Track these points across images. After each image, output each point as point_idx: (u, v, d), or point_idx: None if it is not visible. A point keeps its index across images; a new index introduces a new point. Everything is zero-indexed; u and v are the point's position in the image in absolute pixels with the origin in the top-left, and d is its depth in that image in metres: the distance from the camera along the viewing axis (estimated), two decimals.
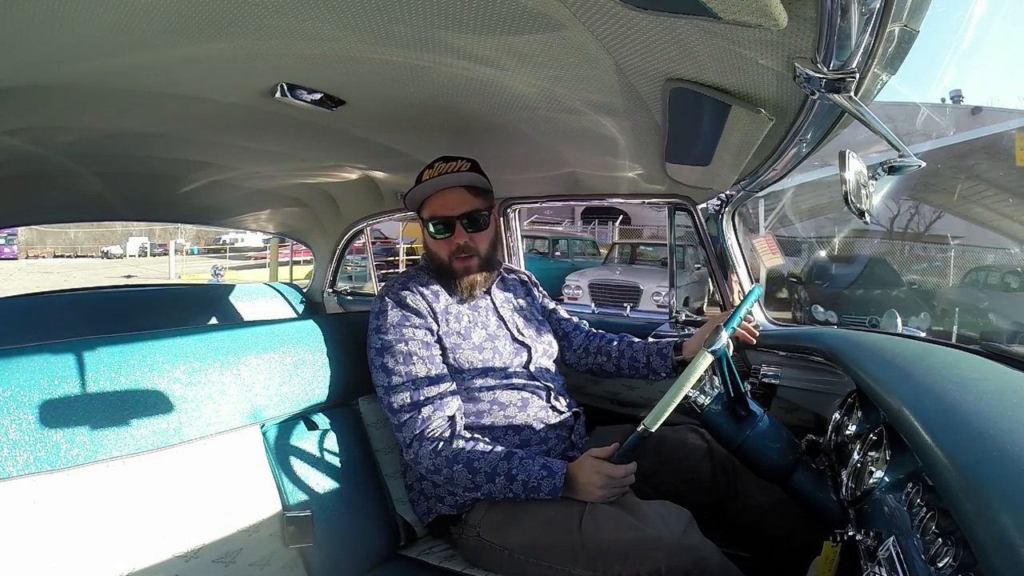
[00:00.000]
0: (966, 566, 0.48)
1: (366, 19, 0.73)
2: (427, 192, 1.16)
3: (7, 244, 19.57)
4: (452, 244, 1.16)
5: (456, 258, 1.16)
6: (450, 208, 1.15)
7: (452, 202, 1.16)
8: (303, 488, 1.04)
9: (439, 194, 1.16)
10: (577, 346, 1.37)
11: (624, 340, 1.35)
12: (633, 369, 1.31)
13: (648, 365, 1.28)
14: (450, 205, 1.15)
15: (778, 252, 1.95)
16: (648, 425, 0.90)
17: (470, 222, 1.16)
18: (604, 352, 1.34)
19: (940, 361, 0.85)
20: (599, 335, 1.38)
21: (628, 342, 1.34)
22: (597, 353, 1.35)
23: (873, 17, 0.51)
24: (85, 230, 22.99)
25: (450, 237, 1.16)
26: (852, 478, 0.82)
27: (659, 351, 1.28)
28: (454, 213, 1.15)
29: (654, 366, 1.28)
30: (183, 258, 18.55)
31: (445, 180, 1.15)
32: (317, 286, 2.55)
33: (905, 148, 0.72)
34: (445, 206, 1.16)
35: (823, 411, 1.24)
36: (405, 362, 1.08)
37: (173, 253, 16.22)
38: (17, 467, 0.76)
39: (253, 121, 1.18)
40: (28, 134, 1.22)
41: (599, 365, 1.34)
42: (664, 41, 0.67)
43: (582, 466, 0.99)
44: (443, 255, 1.17)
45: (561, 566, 0.94)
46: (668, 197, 1.51)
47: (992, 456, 0.49)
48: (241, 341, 1.06)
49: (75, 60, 0.87)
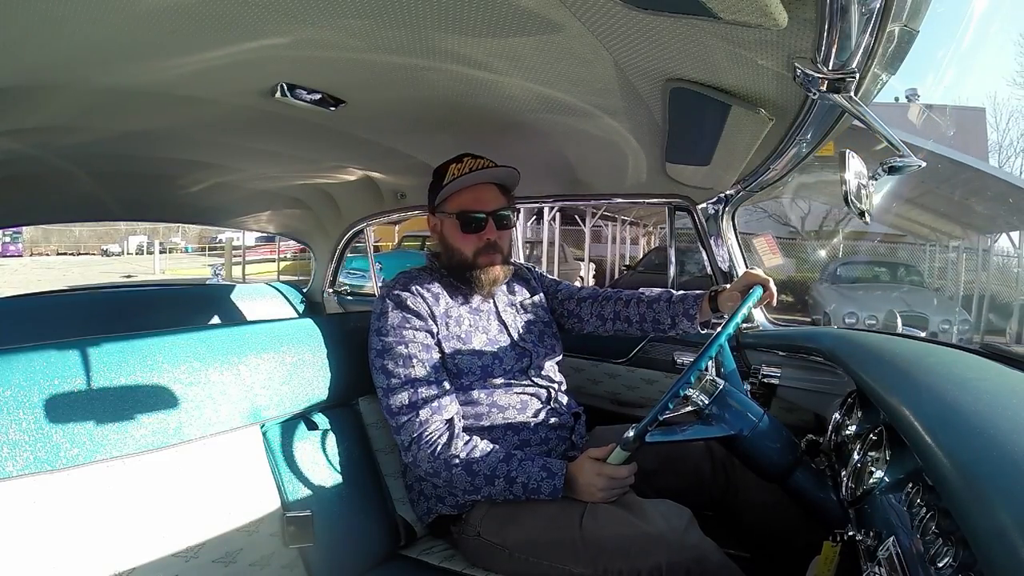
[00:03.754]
0: (966, 566, 0.48)
1: (366, 22, 0.73)
2: (464, 184, 1.14)
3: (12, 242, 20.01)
4: (482, 240, 1.15)
5: (483, 254, 1.16)
6: (484, 203, 1.15)
7: (486, 197, 1.16)
8: (303, 488, 1.04)
9: (472, 189, 1.15)
10: (593, 315, 1.31)
11: (644, 300, 1.26)
12: (659, 331, 1.25)
13: (674, 326, 1.22)
14: (484, 200, 1.15)
15: (778, 252, 1.95)
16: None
17: (499, 220, 1.16)
18: (623, 318, 1.27)
19: (940, 361, 0.85)
20: (612, 298, 1.31)
21: (647, 302, 1.25)
22: (615, 319, 1.28)
23: (873, 17, 0.51)
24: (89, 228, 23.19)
25: (481, 233, 1.15)
26: (852, 478, 0.82)
27: (686, 312, 1.20)
28: (488, 208, 1.15)
29: (681, 327, 1.21)
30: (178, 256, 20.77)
31: (484, 175, 1.14)
32: (317, 286, 2.55)
33: (905, 148, 0.72)
34: (479, 200, 1.15)
35: (823, 411, 1.24)
36: (405, 365, 1.08)
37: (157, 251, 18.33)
38: (17, 467, 0.76)
39: (254, 121, 1.18)
40: (29, 135, 1.23)
41: (622, 331, 1.29)
42: (664, 41, 0.67)
43: (582, 467, 0.99)
44: (468, 251, 1.16)
45: (562, 564, 0.94)
46: (668, 197, 1.51)
47: (992, 455, 0.49)
48: (241, 341, 1.06)
49: (77, 62, 0.87)
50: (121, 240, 23.70)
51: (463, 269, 1.17)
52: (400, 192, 1.90)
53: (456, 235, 1.17)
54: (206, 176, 1.73)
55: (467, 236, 1.15)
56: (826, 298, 7.33)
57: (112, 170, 1.59)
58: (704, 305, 1.19)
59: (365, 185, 1.89)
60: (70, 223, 18.98)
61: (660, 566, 0.86)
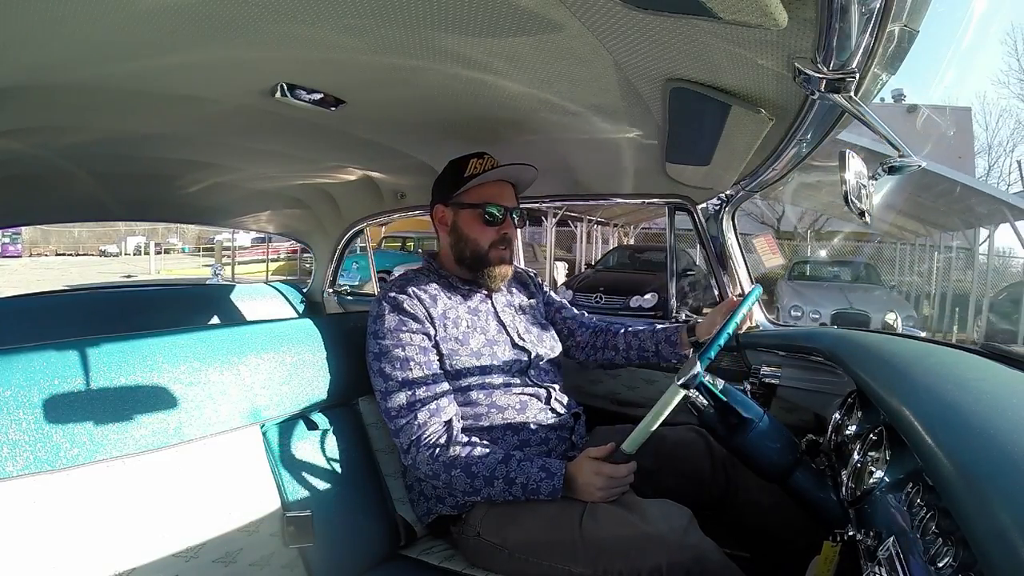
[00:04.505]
0: (966, 566, 0.48)
1: (366, 21, 0.73)
2: (491, 178, 1.18)
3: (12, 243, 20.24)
4: (500, 233, 1.19)
5: (496, 248, 1.19)
6: (505, 199, 1.20)
7: (507, 194, 1.21)
8: (303, 488, 1.04)
9: (497, 184, 1.20)
10: (585, 343, 1.38)
11: (630, 331, 1.35)
12: (643, 359, 1.32)
13: (657, 353, 1.30)
14: (505, 196, 1.20)
15: (778, 252, 1.95)
16: (627, 449, 0.93)
17: (515, 218, 1.21)
18: (611, 347, 1.35)
19: (940, 361, 0.85)
20: (604, 329, 1.39)
21: (634, 332, 1.34)
22: (604, 348, 1.36)
23: (873, 17, 0.51)
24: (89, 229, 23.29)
25: (501, 227, 1.19)
26: (852, 478, 0.82)
27: (667, 338, 1.29)
28: (510, 204, 1.20)
29: (664, 354, 1.29)
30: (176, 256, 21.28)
31: (512, 171, 1.19)
32: (317, 286, 2.55)
33: (905, 148, 0.72)
34: (501, 196, 1.19)
35: (823, 411, 1.24)
36: (402, 367, 1.08)
37: (153, 252, 18.89)
38: (17, 467, 0.76)
39: (254, 121, 1.18)
40: (29, 135, 1.22)
41: (609, 360, 1.36)
42: (664, 41, 0.67)
43: (580, 466, 0.99)
44: (485, 243, 1.19)
45: (562, 565, 0.94)
46: (668, 197, 1.51)
47: (992, 455, 0.49)
48: (241, 341, 1.06)
49: (76, 62, 0.87)
50: (119, 241, 23.86)
51: (475, 261, 1.19)
52: (400, 192, 1.90)
53: (475, 226, 1.19)
54: (206, 176, 1.73)
55: (486, 228, 1.18)
56: (783, 294, 7.82)
57: (112, 170, 1.59)
58: (683, 334, 1.27)
59: (365, 185, 1.89)
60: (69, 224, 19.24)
61: (660, 566, 0.86)
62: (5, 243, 19.88)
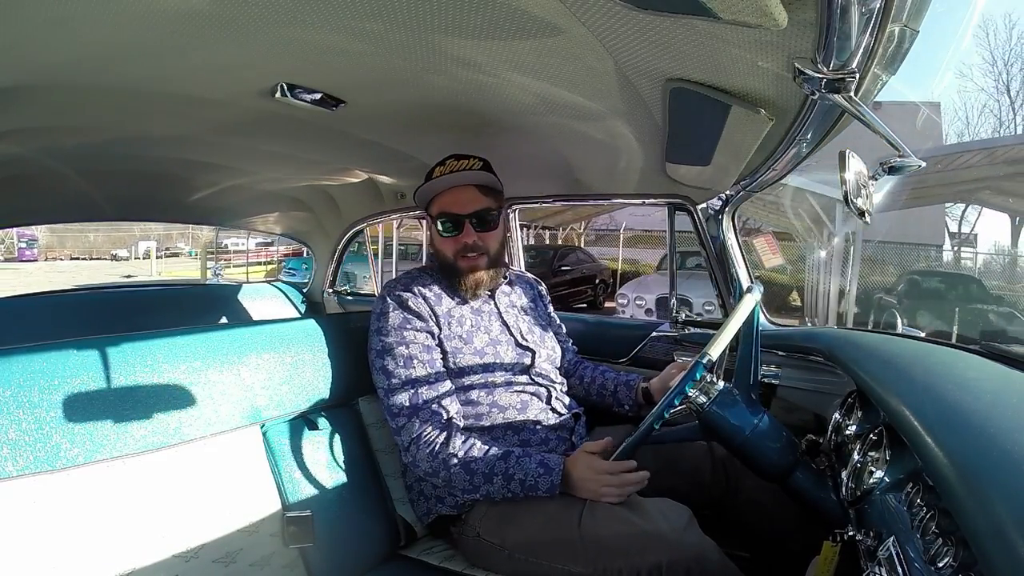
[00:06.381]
0: (966, 566, 0.48)
1: (365, 22, 0.73)
2: (437, 189, 1.15)
3: (28, 248, 20.86)
4: (459, 243, 1.15)
5: (463, 257, 1.15)
6: (460, 206, 1.15)
7: (462, 200, 1.15)
8: (303, 488, 1.04)
9: (450, 192, 1.15)
10: (576, 373, 1.38)
11: (599, 370, 1.36)
12: (600, 398, 1.32)
13: (614, 394, 1.30)
14: (460, 203, 1.15)
15: (778, 252, 1.95)
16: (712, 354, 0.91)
17: (479, 221, 1.15)
18: (578, 377, 1.36)
19: (939, 361, 0.85)
20: (579, 362, 1.40)
21: (601, 371, 1.35)
22: (572, 376, 1.36)
23: (873, 17, 0.51)
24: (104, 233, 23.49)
25: (458, 235, 1.15)
26: (852, 478, 0.82)
27: (626, 382, 1.29)
28: (463, 211, 1.14)
29: (619, 396, 1.29)
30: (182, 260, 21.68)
31: (457, 178, 1.14)
32: (317, 286, 2.55)
33: (905, 148, 0.72)
34: (455, 204, 1.15)
35: (823, 411, 1.24)
36: (405, 365, 1.08)
37: (154, 255, 19.31)
38: (17, 467, 0.76)
39: (254, 121, 1.19)
40: (30, 135, 1.23)
41: (571, 388, 1.34)
42: (664, 41, 0.67)
43: (576, 462, 0.99)
44: (449, 253, 1.16)
45: (561, 564, 0.94)
46: (668, 197, 1.50)
47: (991, 455, 0.49)
48: (241, 341, 1.06)
49: (78, 62, 0.87)
50: (131, 245, 24.13)
51: (448, 271, 1.18)
52: (400, 192, 1.91)
53: (437, 237, 1.18)
54: (206, 176, 1.73)
55: (446, 239, 1.16)
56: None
57: (112, 170, 1.59)
58: (639, 387, 1.28)
59: (365, 186, 1.89)
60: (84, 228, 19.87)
61: (660, 565, 0.86)
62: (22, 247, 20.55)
